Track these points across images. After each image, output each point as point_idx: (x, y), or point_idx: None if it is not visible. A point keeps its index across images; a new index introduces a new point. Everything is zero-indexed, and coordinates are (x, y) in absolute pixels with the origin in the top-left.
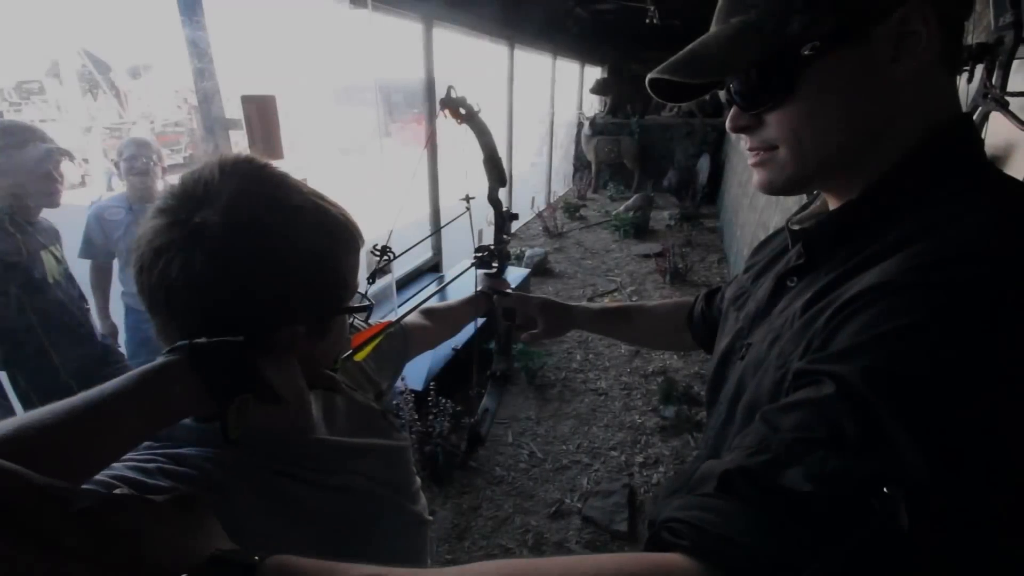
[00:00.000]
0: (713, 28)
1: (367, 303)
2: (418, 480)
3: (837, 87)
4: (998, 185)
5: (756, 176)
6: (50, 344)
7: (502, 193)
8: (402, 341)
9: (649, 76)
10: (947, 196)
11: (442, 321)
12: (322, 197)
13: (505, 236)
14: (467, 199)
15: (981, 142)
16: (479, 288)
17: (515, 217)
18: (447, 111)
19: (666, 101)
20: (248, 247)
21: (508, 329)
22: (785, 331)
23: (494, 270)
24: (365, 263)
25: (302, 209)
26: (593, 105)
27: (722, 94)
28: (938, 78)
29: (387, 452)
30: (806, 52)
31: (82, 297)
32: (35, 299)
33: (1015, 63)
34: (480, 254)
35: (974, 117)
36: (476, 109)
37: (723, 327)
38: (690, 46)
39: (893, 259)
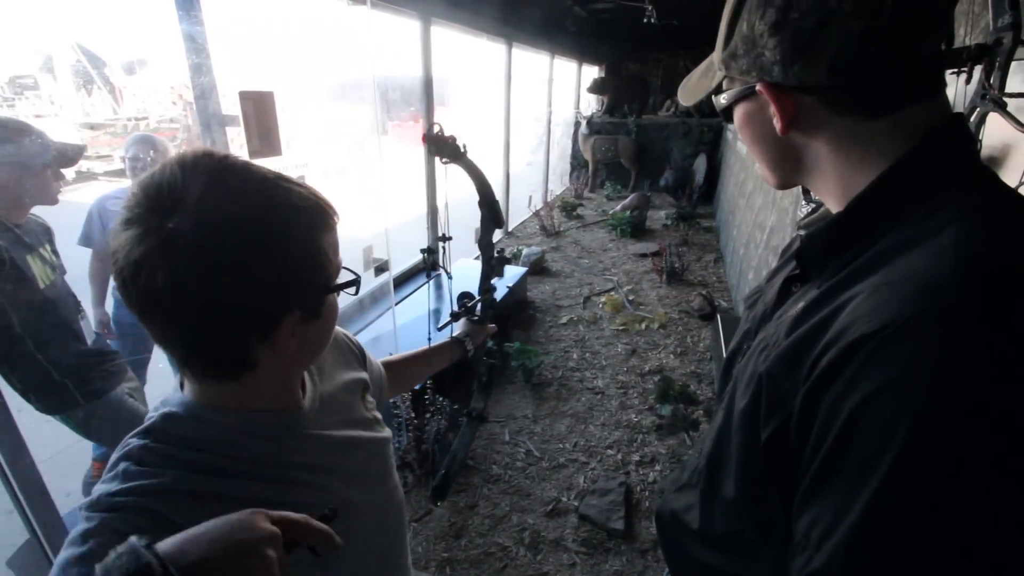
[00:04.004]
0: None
1: (354, 277)
2: (396, 475)
3: (746, 125)
4: (975, 203)
5: None
6: (40, 346)
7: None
8: (380, 389)
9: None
10: (925, 213)
11: (407, 378)
12: (288, 180)
13: (488, 285)
14: (443, 239)
15: (970, 151)
16: (455, 334)
17: (507, 261)
18: (431, 147)
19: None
20: (227, 245)
21: (491, 368)
22: (772, 345)
23: (476, 318)
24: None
25: (272, 196)
26: (590, 104)
27: None
28: (859, 130)
29: (370, 445)
30: (724, 100)
31: (72, 295)
32: (20, 304)
33: (1013, 64)
34: (466, 301)
35: (972, 118)
36: (463, 149)
37: (739, 326)
38: (688, 74)
39: (860, 298)
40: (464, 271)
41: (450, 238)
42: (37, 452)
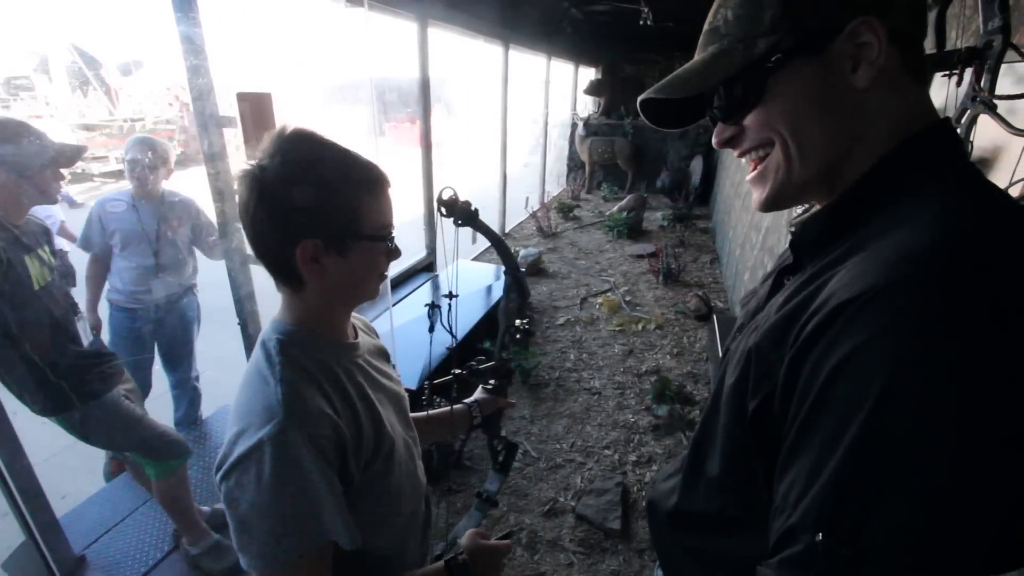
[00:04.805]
0: (695, 57)
1: (386, 238)
2: (415, 434)
3: (802, 93)
4: (958, 189)
5: (754, 194)
6: (37, 347)
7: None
8: None
9: (640, 99)
10: (910, 200)
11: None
12: (351, 152)
13: (506, 356)
14: (450, 296)
15: (957, 148)
16: (467, 400)
17: (531, 334)
18: (443, 210)
19: (657, 127)
20: (273, 178)
21: (510, 448)
22: (763, 324)
23: (492, 385)
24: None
25: (323, 156)
26: (587, 106)
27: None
28: (904, 88)
29: (396, 395)
30: (769, 64)
31: (69, 296)
32: (17, 305)
33: (1003, 67)
34: (472, 364)
35: (963, 120)
36: (473, 210)
37: (735, 324)
38: (674, 72)
39: (844, 271)
40: (459, 272)
41: (456, 296)
42: (33, 455)
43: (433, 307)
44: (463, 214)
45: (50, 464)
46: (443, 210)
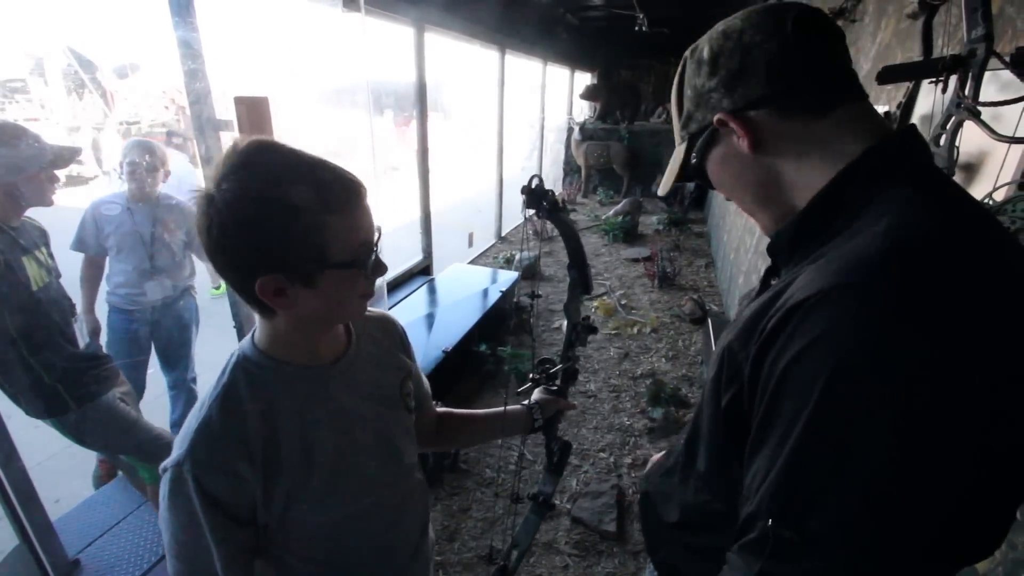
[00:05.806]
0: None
1: (360, 262)
2: (411, 455)
3: (721, 171)
4: (916, 199)
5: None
6: (34, 349)
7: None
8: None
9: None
10: (871, 210)
11: (464, 434)
12: (312, 163)
13: (571, 354)
14: (533, 295)
15: (917, 157)
16: (526, 402)
17: (594, 331)
18: (528, 201)
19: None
20: (227, 208)
21: (565, 448)
22: (737, 323)
23: (555, 387)
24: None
25: (276, 177)
26: (583, 110)
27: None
28: (799, 130)
29: (382, 420)
30: (694, 159)
31: (67, 298)
32: (14, 307)
33: (986, 74)
34: (547, 366)
35: (948, 125)
36: (560, 204)
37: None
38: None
39: (804, 275)
40: (456, 276)
41: (539, 296)
42: (26, 458)
43: (518, 305)
44: (552, 205)
45: (44, 468)
46: (529, 201)
